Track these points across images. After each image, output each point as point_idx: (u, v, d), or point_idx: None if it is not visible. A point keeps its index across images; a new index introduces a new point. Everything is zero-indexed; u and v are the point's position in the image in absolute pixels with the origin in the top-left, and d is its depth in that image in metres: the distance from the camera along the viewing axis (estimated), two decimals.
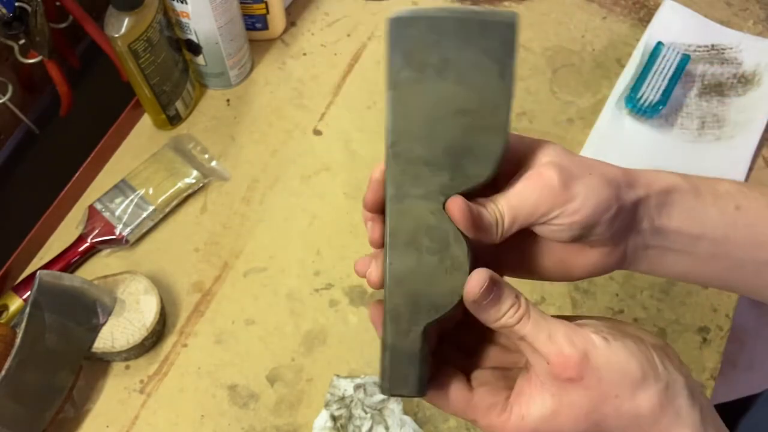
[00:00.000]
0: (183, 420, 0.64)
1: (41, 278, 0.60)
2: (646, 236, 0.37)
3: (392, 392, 0.35)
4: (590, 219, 0.34)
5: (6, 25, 0.65)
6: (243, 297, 0.70)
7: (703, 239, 0.37)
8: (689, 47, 0.82)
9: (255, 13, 0.80)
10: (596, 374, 0.32)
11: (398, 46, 0.35)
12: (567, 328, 0.33)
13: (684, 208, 0.37)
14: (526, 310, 0.33)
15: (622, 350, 0.33)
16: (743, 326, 1.48)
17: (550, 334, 0.33)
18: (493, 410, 0.35)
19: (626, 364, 0.32)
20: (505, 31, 0.33)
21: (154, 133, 0.78)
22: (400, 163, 0.35)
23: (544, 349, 0.33)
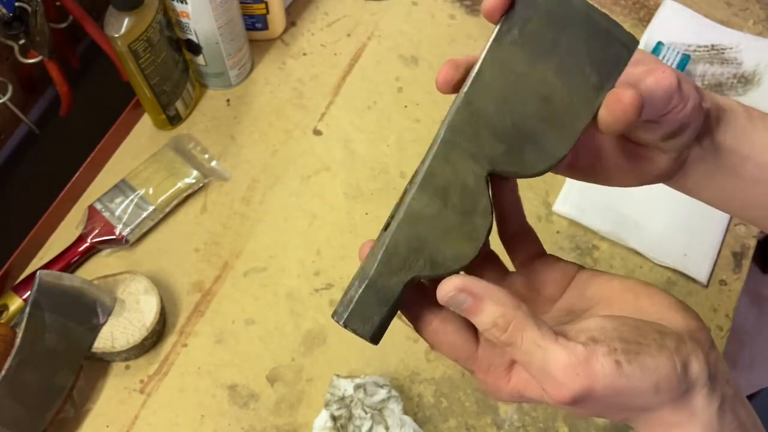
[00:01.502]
0: (183, 420, 0.64)
1: (41, 278, 0.60)
2: (705, 148, 0.38)
3: (346, 324, 0.33)
4: (688, 120, 0.35)
5: (6, 25, 0.65)
6: (243, 297, 0.70)
7: (749, 161, 0.37)
8: (689, 47, 0.82)
9: (255, 13, 0.80)
10: (600, 401, 0.30)
11: (523, 8, 0.33)
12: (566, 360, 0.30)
13: (738, 128, 0.38)
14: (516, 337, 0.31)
15: (635, 373, 0.30)
16: (743, 326, 1.48)
17: (542, 366, 0.30)
18: (494, 371, 0.34)
19: (639, 386, 0.30)
20: (621, 51, 0.33)
21: (154, 133, 0.78)
22: (468, 113, 0.33)
23: (538, 377, 0.31)
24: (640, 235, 0.71)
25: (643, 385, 0.30)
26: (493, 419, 0.64)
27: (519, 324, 0.31)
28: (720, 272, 0.71)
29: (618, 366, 0.30)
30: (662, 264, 0.71)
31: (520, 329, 0.30)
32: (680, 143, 0.37)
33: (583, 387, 0.30)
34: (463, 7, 0.88)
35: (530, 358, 0.30)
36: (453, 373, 0.66)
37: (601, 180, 0.40)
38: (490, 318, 0.31)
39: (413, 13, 0.87)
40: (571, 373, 0.30)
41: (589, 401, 0.30)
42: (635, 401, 0.31)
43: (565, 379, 0.30)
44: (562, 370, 0.30)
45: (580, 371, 0.30)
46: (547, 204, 0.74)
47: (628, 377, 0.30)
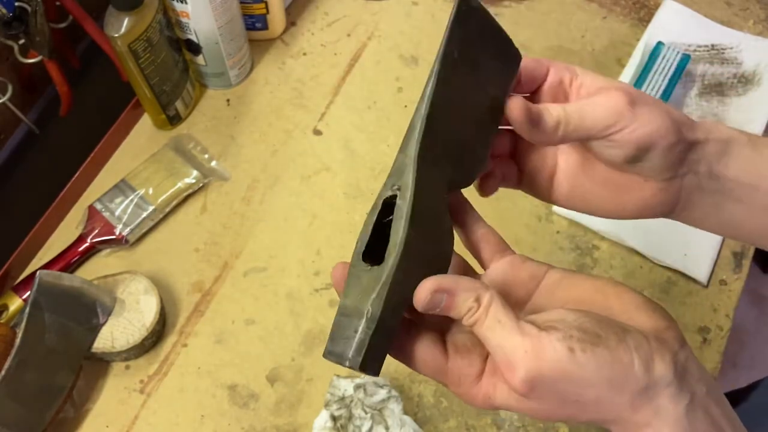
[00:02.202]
0: (183, 420, 0.64)
1: (41, 278, 0.60)
2: (702, 179, 0.38)
3: (362, 369, 0.33)
4: (647, 140, 0.35)
5: (6, 25, 0.65)
6: (243, 297, 0.70)
7: (759, 190, 0.38)
8: (689, 47, 0.82)
9: (255, 13, 0.80)
10: (550, 388, 0.31)
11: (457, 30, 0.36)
12: (520, 340, 0.31)
13: (742, 158, 0.38)
14: (481, 315, 0.32)
15: (589, 363, 0.30)
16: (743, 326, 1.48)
17: (501, 344, 0.31)
18: (464, 381, 0.34)
19: (590, 378, 0.31)
20: (515, 62, 0.36)
21: (154, 133, 0.78)
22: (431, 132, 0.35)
23: (495, 356, 0.32)
24: (640, 235, 0.71)
25: (595, 376, 0.30)
26: (493, 419, 0.64)
27: (487, 302, 0.32)
28: (720, 272, 0.71)
29: (571, 352, 0.30)
30: (662, 264, 0.71)
31: (486, 306, 0.32)
32: (652, 168, 0.37)
33: (533, 370, 0.30)
34: None
35: (491, 334, 0.31)
36: None
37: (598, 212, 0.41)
38: (465, 306, 0.32)
39: (413, 13, 0.87)
40: (522, 354, 0.30)
41: (540, 388, 0.31)
42: (588, 393, 0.31)
43: (516, 359, 0.30)
44: (513, 350, 0.31)
45: (530, 353, 0.30)
46: (547, 204, 0.74)
47: (579, 365, 0.30)
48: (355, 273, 0.34)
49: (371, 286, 0.33)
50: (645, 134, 0.35)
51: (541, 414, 0.33)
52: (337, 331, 0.33)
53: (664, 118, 0.36)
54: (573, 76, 0.38)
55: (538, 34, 0.86)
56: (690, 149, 0.37)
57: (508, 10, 0.88)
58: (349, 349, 0.33)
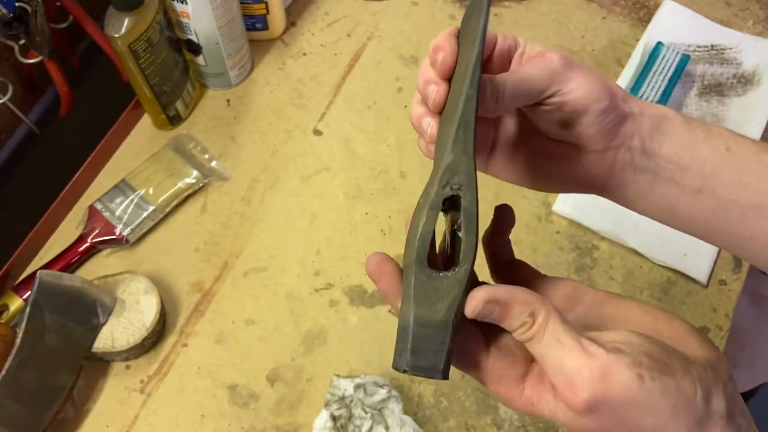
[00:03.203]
0: (183, 420, 0.64)
1: (41, 278, 0.60)
2: (635, 155, 0.38)
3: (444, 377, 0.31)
4: (581, 103, 0.36)
5: (6, 25, 0.65)
6: (243, 297, 0.70)
7: (690, 171, 0.38)
8: (689, 47, 0.82)
9: (255, 13, 0.80)
10: (612, 411, 0.30)
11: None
12: (585, 360, 0.29)
13: (675, 137, 0.38)
14: (538, 331, 0.31)
15: (655, 391, 0.30)
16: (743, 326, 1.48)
17: (560, 364, 0.30)
18: (505, 382, 0.33)
19: (655, 406, 0.30)
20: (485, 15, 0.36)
21: (154, 133, 0.78)
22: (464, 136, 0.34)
23: (551, 378, 0.31)
24: (640, 235, 0.71)
25: (660, 404, 0.30)
26: (493, 419, 0.64)
27: (544, 318, 0.31)
28: (720, 272, 0.71)
29: (640, 379, 0.29)
30: (662, 264, 0.71)
31: (543, 323, 0.31)
32: (585, 134, 0.37)
33: (598, 393, 0.29)
34: (463, 7, 0.88)
35: (549, 352, 0.30)
36: (453, 373, 0.66)
37: (534, 183, 0.41)
38: (519, 320, 0.31)
39: (413, 13, 0.87)
40: (588, 375, 0.29)
41: (602, 411, 0.30)
42: (648, 420, 0.30)
43: (580, 380, 0.29)
44: (577, 372, 0.29)
45: (597, 376, 0.29)
46: (547, 204, 0.74)
47: (647, 392, 0.29)
48: (421, 279, 0.32)
49: (447, 293, 0.32)
50: (578, 97, 0.36)
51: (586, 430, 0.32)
52: (420, 343, 0.31)
53: (598, 82, 0.36)
54: (517, 45, 0.39)
55: (538, 34, 0.86)
56: (623, 121, 0.37)
57: (508, 10, 0.88)
58: (441, 362, 0.32)
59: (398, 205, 0.74)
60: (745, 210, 0.38)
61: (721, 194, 0.38)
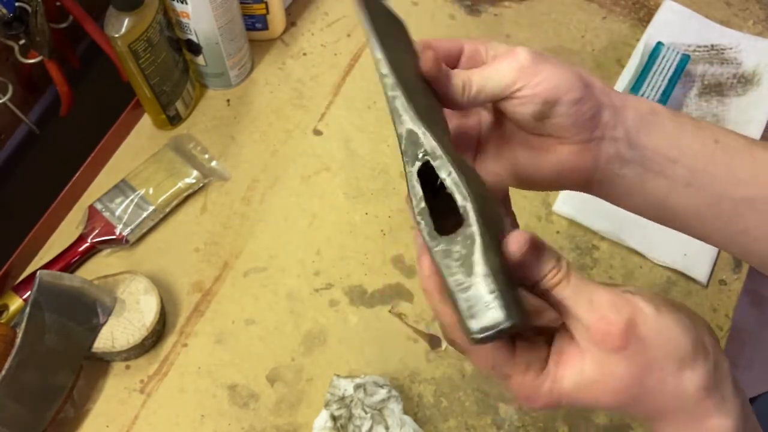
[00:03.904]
0: (183, 420, 0.64)
1: (41, 278, 0.60)
2: (621, 146, 0.38)
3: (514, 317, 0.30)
4: (551, 94, 0.36)
5: (6, 25, 0.65)
6: (243, 297, 0.70)
7: (679, 164, 0.38)
8: (689, 47, 0.82)
9: (255, 13, 0.80)
10: (642, 343, 0.31)
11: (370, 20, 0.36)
12: (612, 295, 0.31)
13: (663, 130, 0.38)
14: (566, 274, 0.32)
15: (673, 322, 0.31)
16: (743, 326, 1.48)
17: (591, 299, 0.31)
18: (531, 369, 0.33)
19: (676, 337, 0.31)
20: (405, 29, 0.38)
21: (154, 133, 0.78)
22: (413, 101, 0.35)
23: (585, 315, 0.31)
24: (640, 235, 0.71)
25: (680, 341, 0.31)
26: (493, 419, 0.64)
27: (567, 264, 0.32)
28: (720, 272, 0.72)
29: (657, 311, 0.31)
30: (662, 264, 0.71)
31: (569, 266, 0.32)
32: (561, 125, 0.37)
33: (629, 320, 0.31)
34: (463, 7, 0.88)
35: (578, 291, 0.32)
36: (453, 373, 0.66)
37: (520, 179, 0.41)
38: (551, 263, 0.32)
39: (413, 13, 0.87)
40: (620, 305, 0.31)
41: (633, 346, 0.31)
42: (671, 357, 0.31)
43: (613, 310, 0.31)
44: (610, 303, 0.31)
45: (626, 306, 0.31)
46: (547, 204, 0.74)
47: (666, 323, 0.31)
48: (441, 251, 0.32)
49: (468, 249, 0.31)
50: (548, 88, 0.36)
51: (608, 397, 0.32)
52: (473, 307, 0.30)
53: (567, 74, 0.36)
54: (487, 47, 0.39)
55: (537, 34, 0.86)
56: (601, 110, 0.37)
57: (508, 10, 0.88)
58: (498, 310, 0.30)
59: (398, 205, 0.74)
60: (738, 203, 0.37)
61: (712, 188, 0.38)
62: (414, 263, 0.71)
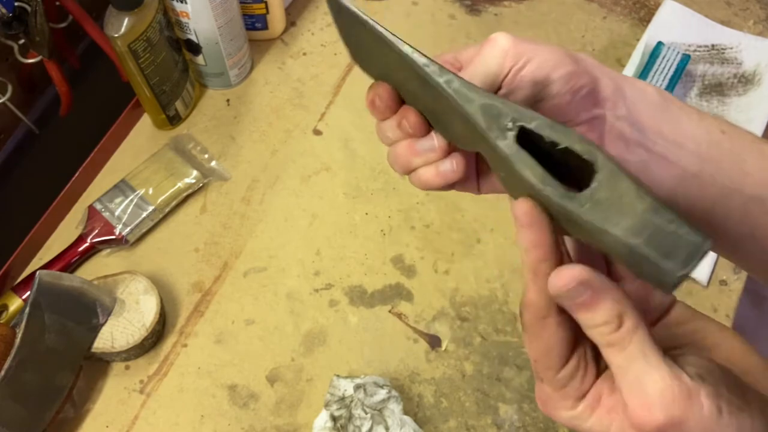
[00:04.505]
0: (183, 420, 0.64)
1: (41, 278, 0.60)
2: (624, 126, 0.35)
3: (683, 269, 0.26)
4: (541, 72, 0.34)
5: (6, 24, 0.65)
6: (243, 297, 0.70)
7: (685, 149, 0.35)
8: (689, 47, 0.82)
9: (255, 13, 0.80)
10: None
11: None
12: (669, 382, 0.27)
13: (666, 113, 0.35)
14: (623, 338, 0.28)
15: (731, 428, 0.27)
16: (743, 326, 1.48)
17: (640, 380, 0.27)
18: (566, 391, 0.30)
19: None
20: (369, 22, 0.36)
21: (154, 133, 0.78)
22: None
23: (628, 393, 0.28)
24: None
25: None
26: (493, 419, 0.64)
27: (633, 325, 0.28)
28: (720, 272, 0.71)
29: (719, 412, 0.27)
30: None
31: (632, 330, 0.28)
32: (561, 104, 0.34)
33: (675, 418, 0.27)
34: (463, 7, 0.88)
35: (631, 364, 0.27)
36: (453, 373, 0.66)
37: None
38: (606, 316, 0.28)
39: (413, 13, 0.87)
40: (669, 398, 0.27)
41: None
42: None
43: (660, 401, 0.27)
44: (660, 392, 0.27)
45: (678, 400, 0.27)
46: None
47: (723, 427, 0.27)
48: (588, 208, 0.28)
49: (616, 190, 0.27)
50: (537, 67, 0.34)
51: None
52: (658, 246, 0.26)
53: (554, 51, 0.34)
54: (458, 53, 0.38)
55: (538, 34, 0.85)
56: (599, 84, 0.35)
57: (508, 10, 0.88)
58: (691, 234, 0.26)
59: (398, 205, 0.74)
60: (748, 201, 0.35)
61: (722, 182, 0.35)
62: (414, 263, 0.71)
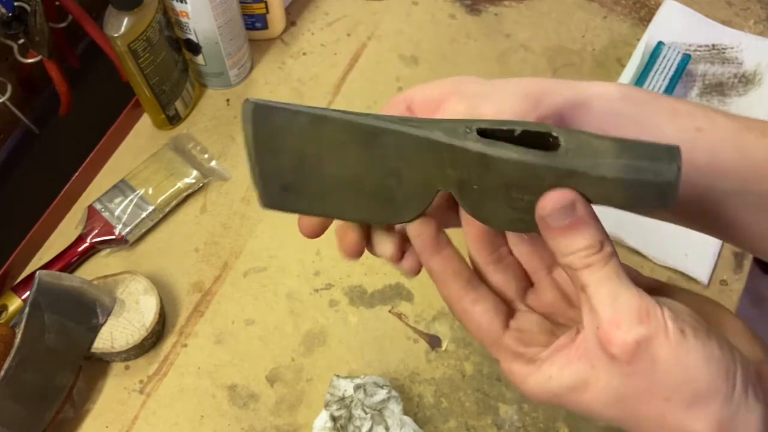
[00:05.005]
0: (183, 420, 0.64)
1: (41, 278, 0.60)
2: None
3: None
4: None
5: (5, 24, 0.65)
6: (243, 297, 0.70)
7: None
8: (690, 47, 0.82)
9: (255, 13, 0.80)
10: (651, 364, 0.27)
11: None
12: (639, 300, 0.28)
13: (633, 118, 0.33)
14: (602, 259, 0.29)
15: (699, 352, 0.27)
16: None
17: (617, 297, 0.28)
18: (519, 359, 0.31)
19: (696, 370, 0.27)
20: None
21: (154, 133, 0.78)
22: None
23: (600, 310, 0.28)
24: (641, 234, 0.71)
25: (700, 370, 0.27)
26: (493, 420, 0.64)
27: (610, 252, 0.29)
28: (721, 272, 0.71)
29: (682, 334, 0.27)
30: (663, 264, 0.71)
31: (609, 255, 0.29)
32: None
33: (642, 336, 0.27)
34: (463, 6, 0.88)
35: (606, 283, 0.28)
36: (453, 374, 0.66)
37: None
38: (590, 240, 0.29)
39: (413, 13, 0.87)
40: (638, 316, 0.27)
41: (641, 361, 0.27)
42: (684, 387, 0.27)
43: (630, 320, 0.27)
44: (630, 309, 0.28)
45: (646, 320, 0.27)
46: None
47: (687, 349, 0.27)
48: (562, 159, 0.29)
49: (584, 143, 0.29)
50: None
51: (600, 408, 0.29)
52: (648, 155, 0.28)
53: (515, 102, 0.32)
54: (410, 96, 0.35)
55: (538, 34, 0.85)
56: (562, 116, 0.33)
57: (508, 9, 0.87)
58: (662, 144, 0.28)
59: None
60: (726, 198, 0.34)
61: (698, 182, 0.34)
62: None
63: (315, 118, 0.32)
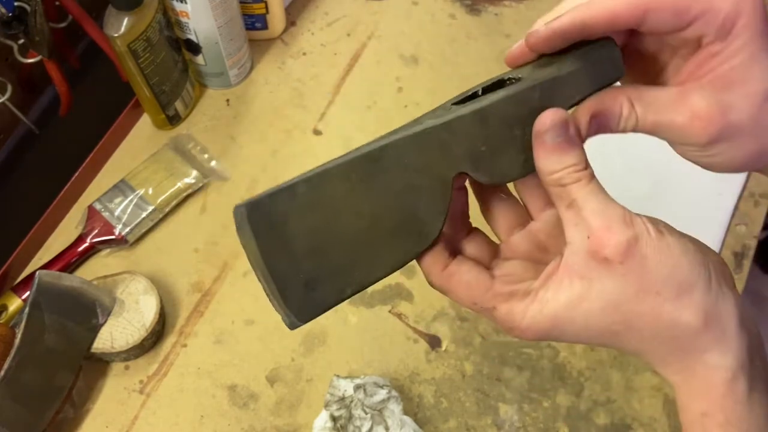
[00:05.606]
0: (183, 420, 0.64)
1: (40, 278, 0.60)
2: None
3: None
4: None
5: (5, 24, 0.65)
6: (243, 297, 0.70)
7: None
8: None
9: (255, 13, 0.80)
10: (641, 262, 0.30)
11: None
12: (622, 210, 0.31)
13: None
14: (588, 175, 0.31)
15: (676, 246, 0.30)
16: None
17: (603, 206, 0.30)
18: (515, 295, 0.33)
19: (678, 262, 0.30)
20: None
21: (154, 133, 0.78)
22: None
23: (591, 218, 0.30)
24: None
25: (681, 266, 0.30)
26: (493, 420, 0.64)
27: (591, 172, 0.32)
28: None
29: (661, 234, 0.30)
30: None
31: (591, 174, 0.32)
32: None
33: (631, 236, 0.30)
34: (463, 6, 0.88)
35: (593, 196, 0.31)
36: (453, 374, 0.66)
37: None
38: (577, 158, 0.31)
39: (413, 13, 0.87)
40: (623, 221, 0.30)
41: (633, 258, 0.30)
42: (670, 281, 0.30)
43: (619, 222, 0.30)
44: (618, 215, 0.30)
45: (631, 224, 0.30)
46: None
47: (670, 246, 0.30)
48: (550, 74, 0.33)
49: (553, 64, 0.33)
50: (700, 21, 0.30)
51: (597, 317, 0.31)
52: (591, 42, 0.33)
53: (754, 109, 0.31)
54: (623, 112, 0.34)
55: None
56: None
57: (509, 9, 0.87)
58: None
59: None
60: None
61: None
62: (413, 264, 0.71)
63: (310, 181, 0.32)
